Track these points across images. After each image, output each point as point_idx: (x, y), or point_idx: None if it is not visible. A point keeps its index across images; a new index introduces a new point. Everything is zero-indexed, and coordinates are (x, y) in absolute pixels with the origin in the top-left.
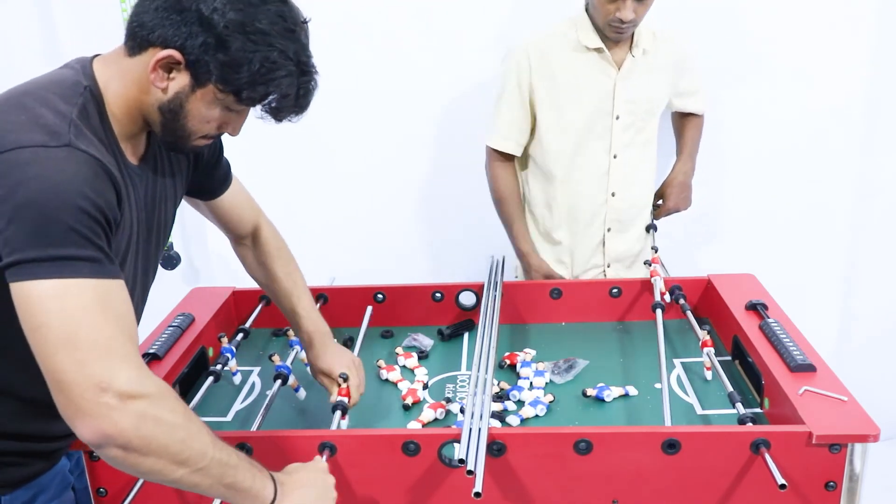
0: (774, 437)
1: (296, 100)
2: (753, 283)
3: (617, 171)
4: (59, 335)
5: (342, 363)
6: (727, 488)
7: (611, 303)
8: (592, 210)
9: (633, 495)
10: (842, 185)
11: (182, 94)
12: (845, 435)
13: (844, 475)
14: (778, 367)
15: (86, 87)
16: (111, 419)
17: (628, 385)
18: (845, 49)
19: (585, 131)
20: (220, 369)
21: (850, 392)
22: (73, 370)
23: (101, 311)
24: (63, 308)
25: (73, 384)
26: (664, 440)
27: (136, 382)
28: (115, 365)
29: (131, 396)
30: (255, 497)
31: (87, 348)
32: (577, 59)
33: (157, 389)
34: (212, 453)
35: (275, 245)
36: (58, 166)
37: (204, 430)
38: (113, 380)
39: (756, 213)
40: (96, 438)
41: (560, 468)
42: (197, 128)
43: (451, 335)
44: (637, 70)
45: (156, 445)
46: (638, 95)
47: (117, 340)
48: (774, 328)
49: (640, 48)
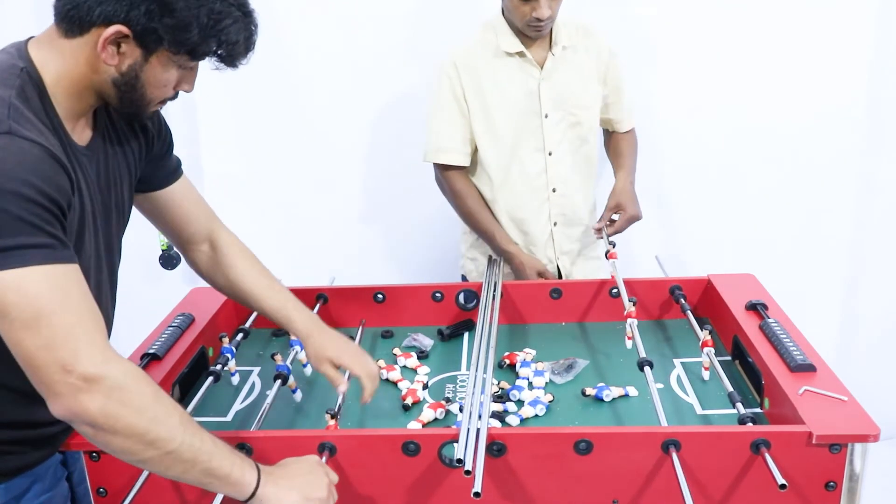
0: (774, 437)
1: (245, 43)
2: (753, 283)
3: (554, 167)
4: (23, 323)
5: (348, 351)
6: (727, 488)
7: (611, 303)
8: (536, 207)
9: (633, 495)
10: (843, 186)
11: (136, 65)
12: (845, 435)
13: (844, 475)
14: (778, 367)
15: (22, 69)
16: (77, 399)
17: (628, 385)
18: (847, 50)
19: (518, 133)
20: (220, 369)
21: (851, 392)
22: (40, 354)
23: (59, 297)
24: (22, 298)
25: (41, 367)
26: (664, 440)
27: (100, 365)
28: (80, 348)
29: (96, 379)
30: (234, 484)
31: (50, 333)
32: (500, 65)
33: (122, 372)
34: (181, 437)
35: (240, 247)
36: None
37: (174, 414)
38: (77, 362)
39: (756, 212)
40: (67, 416)
41: (560, 468)
42: (155, 94)
43: (451, 335)
44: (560, 67)
45: (122, 426)
46: (563, 92)
47: (79, 324)
48: (774, 328)
49: (559, 45)
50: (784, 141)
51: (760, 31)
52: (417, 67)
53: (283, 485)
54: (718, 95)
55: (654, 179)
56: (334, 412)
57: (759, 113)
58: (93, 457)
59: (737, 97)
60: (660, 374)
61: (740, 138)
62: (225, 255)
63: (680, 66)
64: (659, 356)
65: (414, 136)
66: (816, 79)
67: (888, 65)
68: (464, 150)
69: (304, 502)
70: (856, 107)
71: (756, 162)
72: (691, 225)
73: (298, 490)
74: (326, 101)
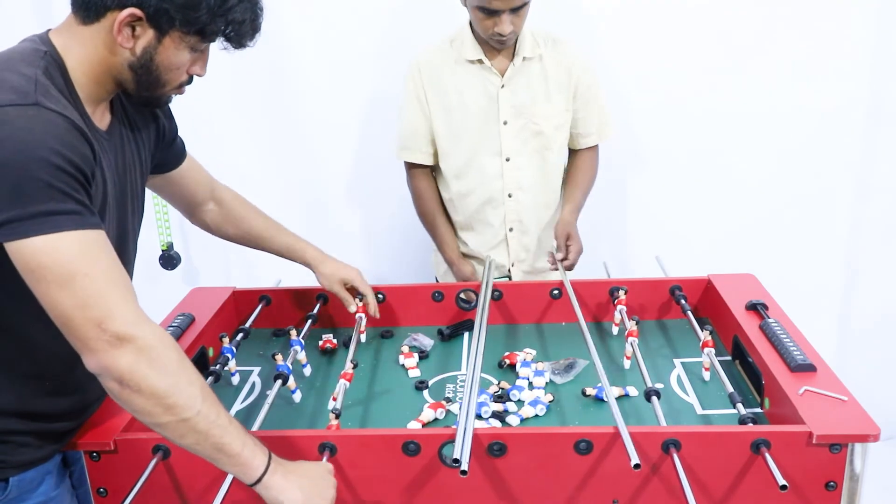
0: (775, 437)
1: (252, 23)
2: (753, 283)
3: (510, 173)
4: (58, 285)
5: (353, 274)
6: (727, 488)
7: (611, 302)
8: (491, 212)
9: (633, 495)
10: (842, 185)
11: (150, 48)
12: (846, 435)
13: (845, 475)
14: (778, 367)
15: (46, 52)
16: (110, 355)
17: (628, 385)
18: (846, 50)
19: (477, 137)
20: (221, 369)
21: (851, 392)
22: (75, 313)
23: (91, 261)
24: (56, 261)
25: (77, 325)
26: (664, 440)
27: (132, 325)
28: (113, 307)
29: (128, 338)
30: (242, 465)
31: (84, 293)
32: (461, 71)
33: (153, 335)
34: (200, 406)
35: (241, 199)
36: (28, 125)
37: (196, 383)
38: (111, 321)
39: (756, 212)
40: (98, 369)
41: (560, 468)
42: (170, 77)
43: (451, 335)
44: (520, 76)
45: (146, 385)
46: (524, 100)
47: (112, 285)
48: (774, 328)
49: (520, 56)
50: (784, 141)
51: (761, 33)
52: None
53: (290, 479)
54: (718, 96)
55: (653, 180)
56: (338, 412)
57: (759, 113)
58: (93, 457)
59: (737, 98)
60: (660, 374)
61: (740, 138)
62: (231, 209)
63: (679, 67)
64: (659, 356)
65: None
66: (816, 80)
67: (888, 65)
68: (426, 150)
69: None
70: (855, 108)
71: (756, 162)
72: (691, 225)
73: (304, 491)
74: (313, 101)
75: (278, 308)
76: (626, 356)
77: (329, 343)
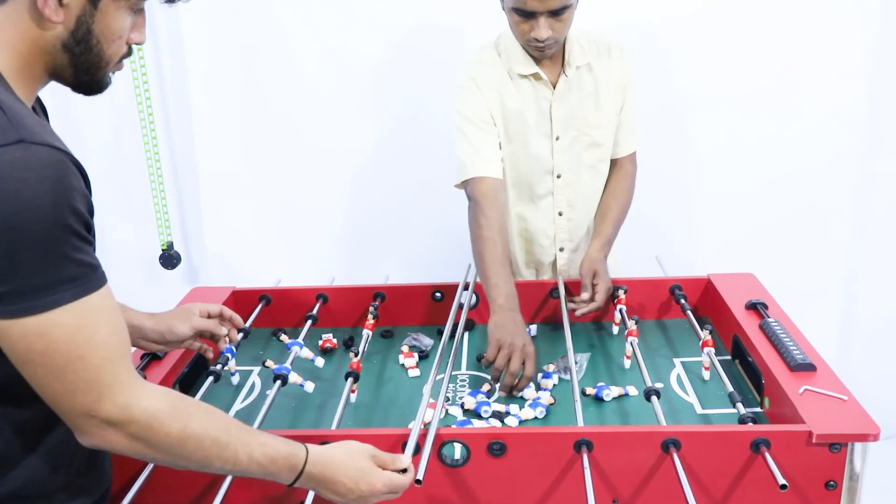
0: (774, 436)
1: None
2: (753, 282)
3: (562, 191)
4: (49, 371)
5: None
6: (727, 488)
7: (610, 302)
8: (541, 231)
9: (632, 494)
10: (843, 185)
11: (84, 16)
12: (845, 434)
13: (845, 474)
14: (778, 367)
15: None
16: (104, 438)
17: (628, 385)
18: (847, 52)
19: (526, 155)
20: (220, 369)
21: (851, 391)
22: (64, 399)
23: (87, 336)
24: (49, 346)
25: (66, 409)
26: (664, 440)
27: (122, 410)
28: (103, 394)
29: (119, 422)
30: (273, 476)
31: (76, 379)
32: (512, 86)
33: (145, 412)
34: (215, 461)
35: None
36: (19, 175)
37: (205, 441)
38: (99, 410)
39: (756, 212)
40: (93, 447)
41: (560, 467)
42: (112, 51)
43: (451, 335)
44: (573, 88)
45: (151, 457)
46: (577, 113)
47: (105, 365)
48: (774, 327)
49: (572, 67)
50: (784, 141)
51: (762, 33)
52: (423, 69)
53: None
54: (718, 96)
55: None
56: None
57: (758, 113)
58: None
59: (737, 98)
60: (660, 373)
61: (740, 139)
62: None
63: (679, 68)
64: (659, 356)
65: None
66: (817, 80)
67: (888, 66)
68: (498, 164)
69: None
70: (856, 108)
71: (756, 162)
72: (691, 225)
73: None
74: (323, 102)
75: (278, 308)
76: (626, 356)
77: (329, 343)
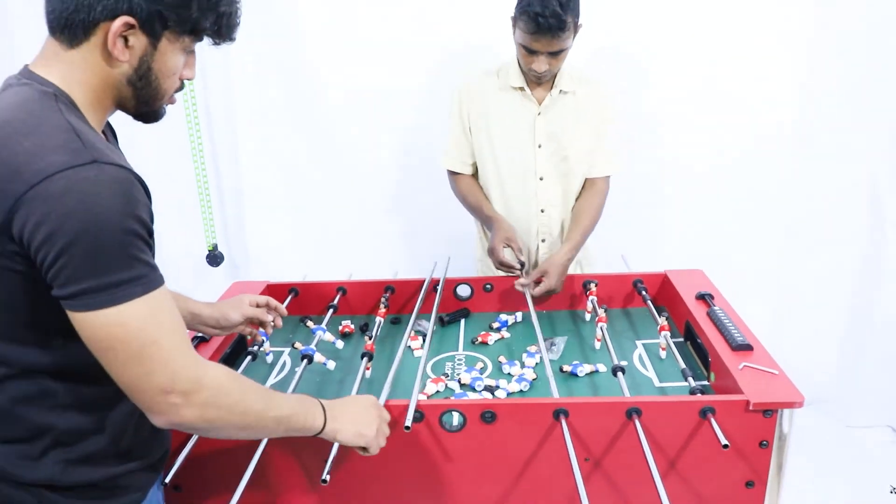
0: (719, 404)
1: (235, 14)
2: (702, 277)
3: (544, 191)
4: (128, 356)
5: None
6: (680, 447)
7: (584, 293)
8: (527, 223)
9: (601, 454)
10: (776, 195)
11: (146, 56)
12: (776, 402)
13: (775, 435)
14: (722, 347)
15: (53, 94)
16: (179, 414)
17: (598, 363)
18: (778, 78)
19: (514, 156)
20: (257, 350)
21: (781, 367)
22: (141, 381)
23: (157, 325)
24: (127, 333)
25: (142, 391)
26: (628, 408)
27: (194, 381)
28: (176, 370)
29: (192, 392)
30: (307, 430)
31: (152, 362)
32: (504, 96)
33: (213, 380)
34: (267, 416)
35: None
36: (94, 189)
37: (259, 400)
38: (175, 383)
39: (704, 218)
40: (168, 427)
41: (541, 432)
42: (167, 85)
43: (450, 321)
44: (556, 107)
45: (220, 423)
46: (557, 128)
47: (175, 347)
48: (719, 314)
49: (557, 89)
50: (726, 158)
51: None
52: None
53: (340, 419)
54: (676, 121)
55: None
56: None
57: (706, 134)
58: None
59: (691, 122)
60: (624, 353)
61: (694, 156)
62: None
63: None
64: (623, 338)
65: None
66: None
67: (818, 78)
68: (465, 161)
69: (356, 438)
70: (782, 133)
71: (704, 177)
72: (651, 228)
73: (353, 425)
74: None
75: (305, 298)
76: (596, 339)
77: (347, 328)
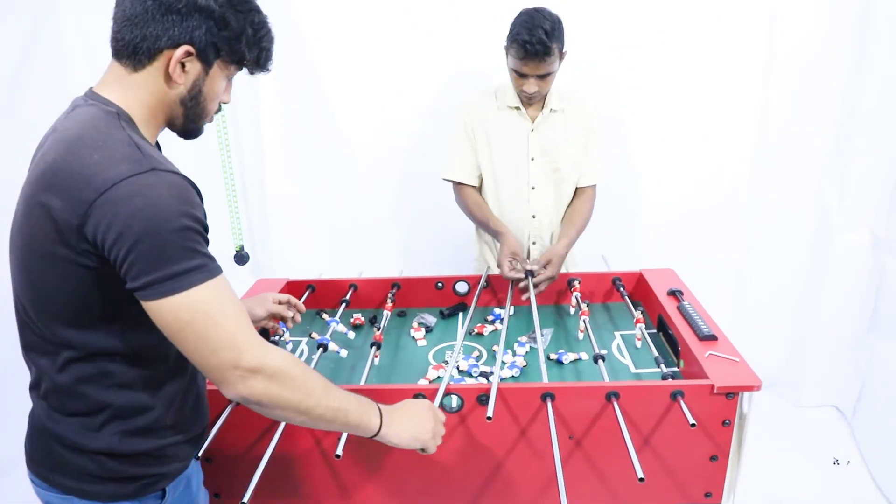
0: (687, 388)
1: (272, 52)
2: (673, 276)
3: (535, 199)
4: (197, 336)
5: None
6: (653, 426)
7: (568, 290)
8: (519, 227)
9: (584, 432)
10: (737, 204)
11: (198, 80)
12: (737, 386)
13: (736, 415)
14: (690, 337)
15: (116, 113)
16: (247, 385)
17: (581, 352)
18: (740, 98)
19: (510, 167)
20: (278, 339)
21: (741, 355)
22: (211, 358)
23: (220, 307)
24: (194, 316)
25: (214, 366)
26: (607, 392)
27: (260, 358)
28: (242, 346)
29: (259, 369)
30: (364, 429)
31: (219, 339)
32: (502, 114)
33: (277, 360)
34: (326, 403)
35: None
36: (154, 192)
37: (319, 387)
38: (241, 360)
39: (676, 223)
40: (237, 398)
41: (530, 413)
42: (212, 107)
43: (450, 315)
44: (547, 124)
45: (281, 402)
46: (548, 143)
47: (238, 327)
48: (688, 309)
49: (548, 108)
50: (695, 169)
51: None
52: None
53: (397, 424)
54: (649, 133)
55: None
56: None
57: (673, 148)
58: None
59: (661, 134)
60: (604, 343)
61: (663, 167)
62: None
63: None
64: (604, 330)
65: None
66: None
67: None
68: (471, 173)
69: (412, 441)
70: (745, 146)
71: (677, 187)
72: (628, 232)
73: (411, 430)
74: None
75: (321, 293)
76: (580, 330)
77: (358, 321)
